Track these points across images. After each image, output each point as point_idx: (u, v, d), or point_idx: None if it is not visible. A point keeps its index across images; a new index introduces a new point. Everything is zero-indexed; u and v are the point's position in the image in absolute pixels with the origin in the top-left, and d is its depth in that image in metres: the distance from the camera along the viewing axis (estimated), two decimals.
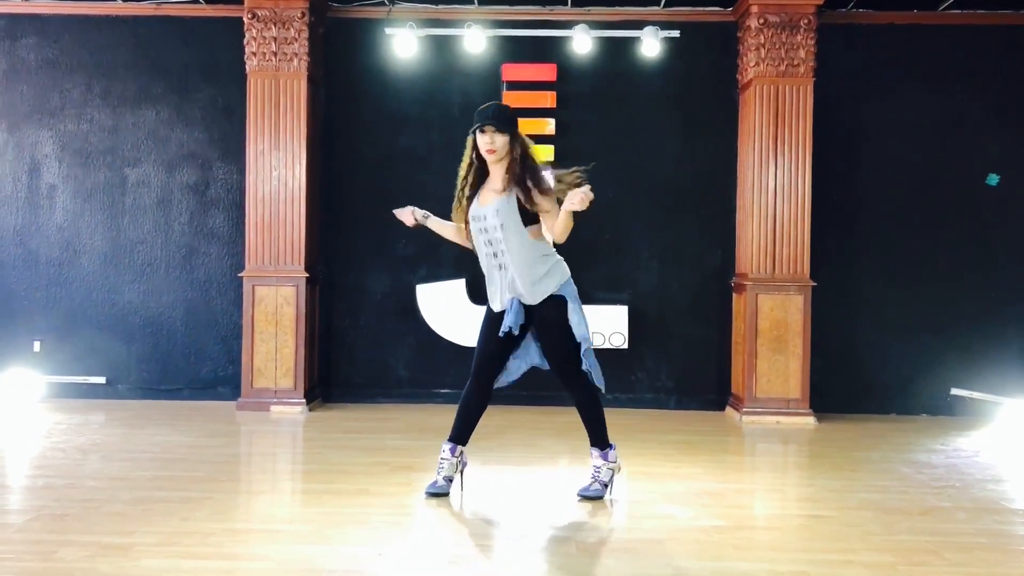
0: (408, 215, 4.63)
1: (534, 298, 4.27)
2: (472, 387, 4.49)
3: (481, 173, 4.37)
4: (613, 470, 4.50)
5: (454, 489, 4.55)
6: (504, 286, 4.31)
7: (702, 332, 7.24)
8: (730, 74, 7.16)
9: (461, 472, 4.57)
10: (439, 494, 4.46)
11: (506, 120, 4.24)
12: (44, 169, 7.30)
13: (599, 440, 4.47)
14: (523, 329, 4.37)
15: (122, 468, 5.00)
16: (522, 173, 4.18)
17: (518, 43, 7.19)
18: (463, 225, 4.41)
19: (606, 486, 4.49)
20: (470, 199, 4.36)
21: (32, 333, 7.25)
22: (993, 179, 6.72)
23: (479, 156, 4.31)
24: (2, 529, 3.90)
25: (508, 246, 4.21)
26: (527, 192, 4.16)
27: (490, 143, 4.21)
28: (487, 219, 4.25)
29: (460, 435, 4.51)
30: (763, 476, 5.42)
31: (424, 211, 4.65)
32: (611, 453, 4.50)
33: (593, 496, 4.45)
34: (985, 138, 7.11)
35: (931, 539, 3.94)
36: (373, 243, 7.28)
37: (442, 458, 4.51)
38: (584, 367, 4.32)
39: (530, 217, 4.22)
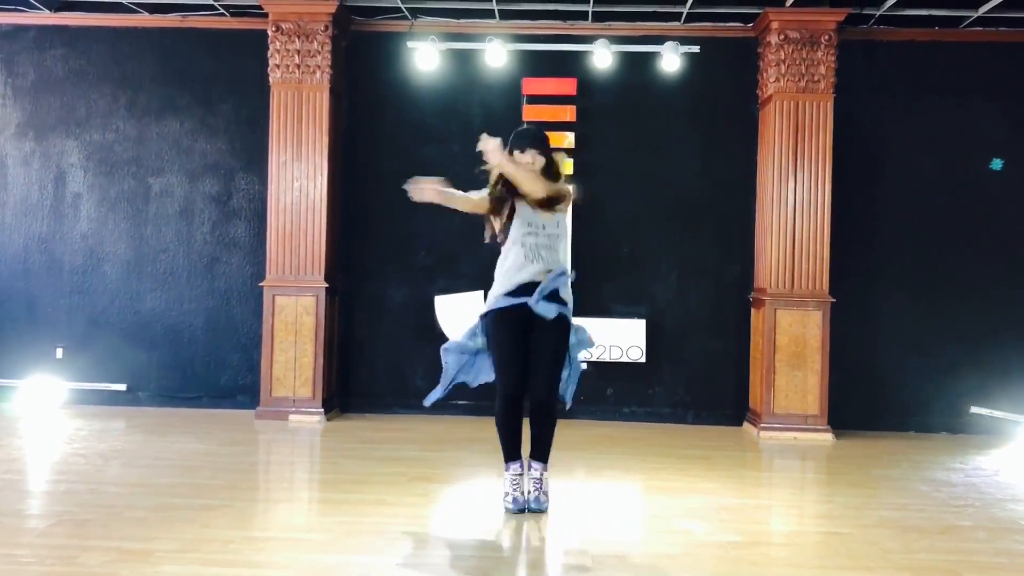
0: (432, 192, 4.54)
1: (563, 295, 4.40)
2: (506, 398, 4.39)
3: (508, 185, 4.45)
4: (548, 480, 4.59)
5: (471, 501, 4.56)
6: (537, 269, 4.37)
7: (720, 347, 7.23)
8: (750, 89, 7.17)
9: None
10: (524, 509, 4.43)
11: (547, 145, 4.53)
12: (69, 178, 7.39)
13: (545, 455, 4.52)
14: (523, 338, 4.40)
15: (142, 475, 5.05)
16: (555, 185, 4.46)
17: (539, 57, 7.23)
18: (486, 200, 4.48)
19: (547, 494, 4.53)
20: (507, 199, 4.44)
21: (55, 340, 7.33)
22: (997, 164, 6.66)
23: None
24: (25, 534, 3.95)
25: (558, 247, 4.45)
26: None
27: (532, 164, 4.43)
28: (546, 228, 4.42)
29: (518, 451, 4.51)
30: (781, 492, 5.40)
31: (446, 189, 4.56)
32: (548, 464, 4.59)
33: (541, 508, 4.46)
34: (1006, 155, 7.07)
35: (950, 558, 3.92)
36: (392, 254, 7.32)
37: (514, 478, 4.47)
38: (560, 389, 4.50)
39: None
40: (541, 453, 4.50)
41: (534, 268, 4.37)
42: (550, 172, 4.48)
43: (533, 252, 4.38)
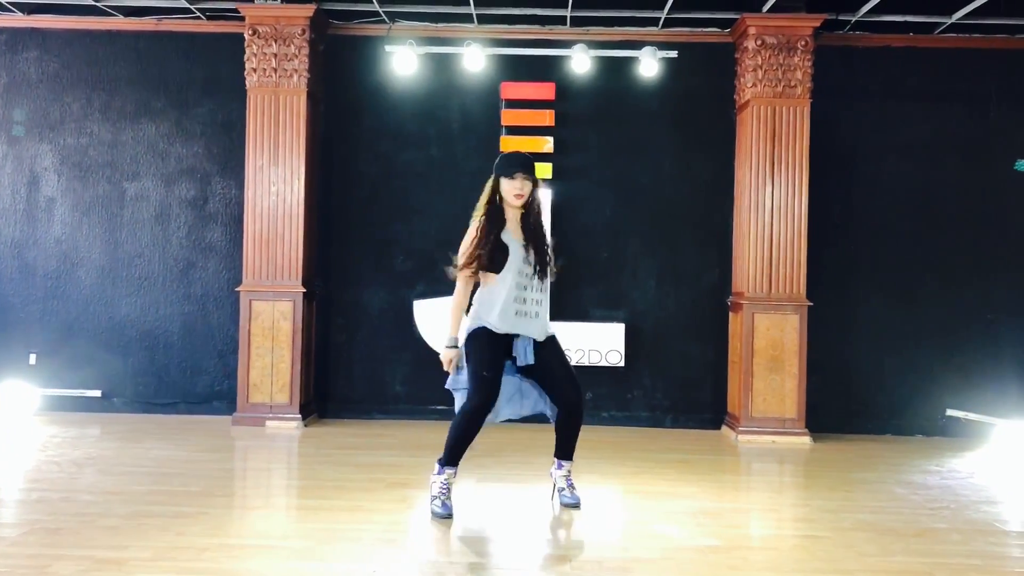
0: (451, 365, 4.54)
1: (544, 330, 4.52)
2: (480, 409, 4.36)
3: (496, 214, 4.52)
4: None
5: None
6: (520, 324, 4.43)
7: (699, 351, 7.25)
8: (727, 94, 7.20)
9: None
10: (449, 515, 4.42)
11: (534, 171, 4.57)
12: (43, 182, 7.31)
13: (573, 452, 4.69)
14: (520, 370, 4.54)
15: (117, 482, 4.99)
16: (539, 230, 4.55)
17: (517, 62, 7.24)
18: (471, 274, 4.47)
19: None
20: (498, 236, 4.46)
21: (28, 345, 7.25)
22: (1021, 164, 6.71)
23: (499, 196, 4.52)
24: None
25: (543, 286, 4.52)
26: (545, 249, 4.55)
27: (521, 189, 4.47)
28: (531, 256, 4.46)
29: (460, 457, 4.51)
30: (759, 496, 5.41)
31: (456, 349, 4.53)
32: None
33: (577, 503, 4.66)
34: (980, 160, 7.15)
35: (926, 560, 3.95)
36: (370, 259, 7.30)
37: (444, 483, 4.49)
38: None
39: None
40: (571, 452, 4.67)
41: (512, 312, 4.42)
42: (534, 199, 4.55)
43: (517, 292, 4.43)
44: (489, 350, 4.40)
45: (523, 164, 4.51)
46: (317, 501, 4.72)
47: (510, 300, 4.41)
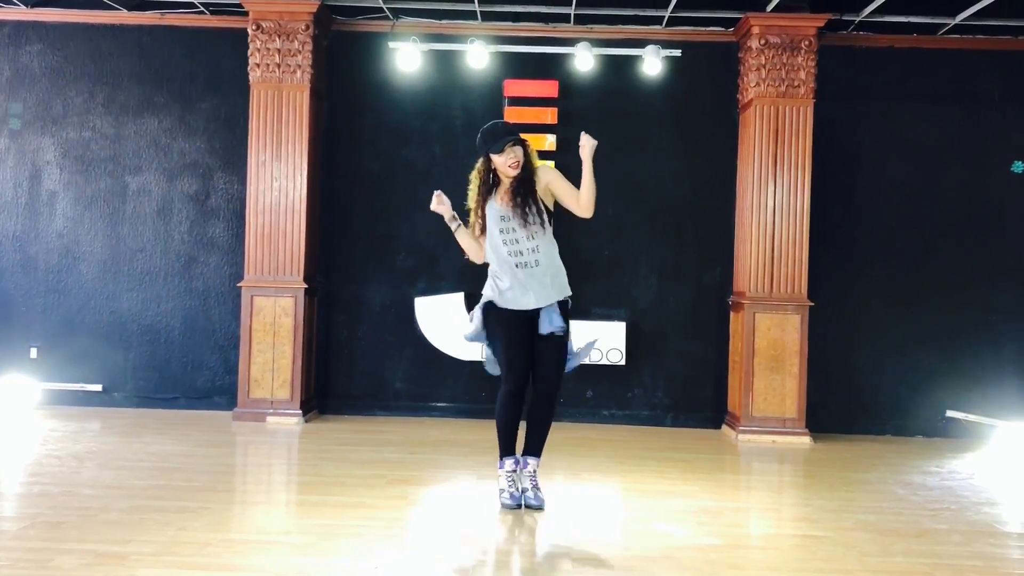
0: (446, 208, 4.64)
1: (559, 291, 4.50)
2: (513, 393, 4.46)
3: (487, 189, 4.57)
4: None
5: (451, 503, 4.55)
6: (531, 282, 4.44)
7: (699, 350, 7.25)
8: (731, 94, 7.20)
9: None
10: (517, 506, 4.50)
11: (517, 133, 4.57)
12: (45, 176, 7.31)
13: (540, 448, 4.61)
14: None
15: (118, 476, 4.99)
16: (527, 183, 4.51)
17: (520, 59, 7.23)
18: (479, 239, 4.58)
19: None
20: (482, 207, 4.54)
21: (29, 339, 7.24)
22: (1019, 166, 6.70)
23: (493, 174, 4.53)
24: None
25: (542, 241, 4.47)
26: (533, 185, 4.49)
27: (514, 158, 4.46)
28: (513, 219, 4.45)
29: (513, 446, 4.56)
30: (759, 495, 5.42)
31: (458, 220, 4.66)
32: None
33: (541, 505, 4.52)
34: (982, 161, 7.15)
35: (926, 561, 3.95)
36: (373, 255, 7.30)
37: (510, 473, 4.54)
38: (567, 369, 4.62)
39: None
40: (538, 447, 4.58)
41: (524, 281, 4.45)
42: (529, 164, 4.53)
43: (516, 259, 4.45)
44: (514, 330, 4.45)
45: (507, 133, 4.51)
46: (318, 497, 4.72)
47: (504, 255, 4.44)
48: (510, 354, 4.45)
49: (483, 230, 4.54)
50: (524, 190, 4.46)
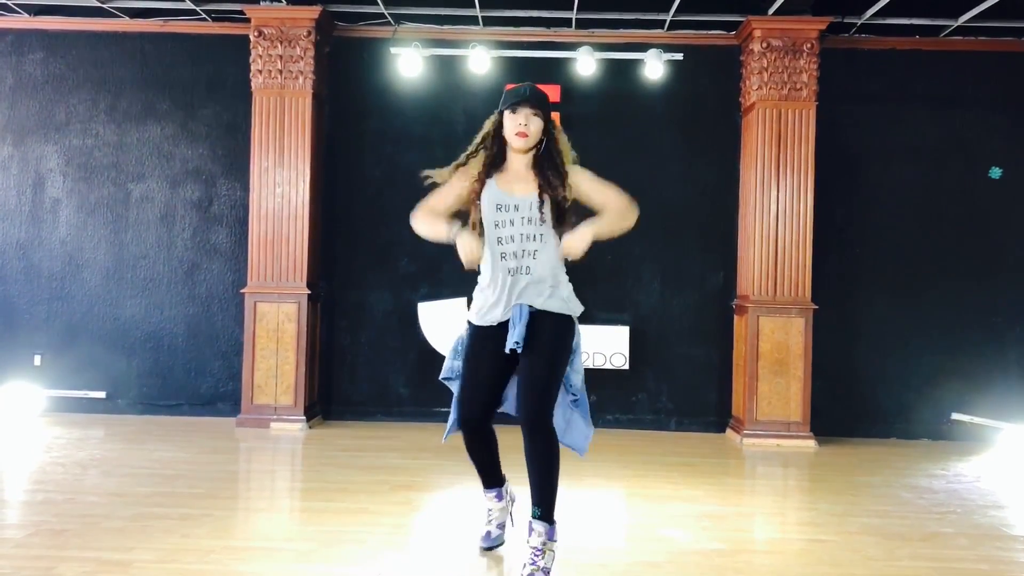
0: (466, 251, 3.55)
1: (551, 303, 3.58)
2: (464, 425, 3.67)
3: (493, 161, 3.67)
4: (554, 555, 3.57)
5: (454, 509, 4.53)
6: (514, 290, 3.56)
7: (703, 354, 7.24)
8: (733, 97, 7.19)
9: (512, 506, 4.07)
10: (496, 546, 3.97)
11: (544, 103, 3.62)
12: (48, 183, 7.32)
13: (548, 509, 3.51)
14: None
15: (121, 484, 4.99)
16: (546, 160, 3.61)
17: (522, 64, 7.23)
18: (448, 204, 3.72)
19: (548, 574, 3.51)
20: (481, 181, 3.63)
21: (33, 347, 7.25)
22: (995, 172, 6.68)
23: (499, 141, 3.67)
24: (1, 544, 3.89)
25: (542, 244, 3.58)
26: (549, 174, 3.59)
27: (524, 125, 3.56)
28: (519, 210, 3.56)
29: (493, 478, 3.91)
30: (764, 499, 5.40)
31: (458, 223, 3.67)
32: (556, 531, 3.57)
33: None
34: (986, 164, 7.13)
35: (932, 565, 3.94)
36: (375, 261, 7.30)
37: (489, 508, 3.98)
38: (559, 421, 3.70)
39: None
40: (543, 500, 3.50)
41: (503, 285, 3.57)
42: (549, 146, 3.62)
43: (504, 259, 3.58)
44: (478, 348, 3.63)
45: (531, 95, 3.55)
46: (322, 503, 4.72)
47: (496, 254, 3.57)
48: (464, 378, 3.63)
49: (477, 226, 3.62)
50: (537, 174, 3.58)
